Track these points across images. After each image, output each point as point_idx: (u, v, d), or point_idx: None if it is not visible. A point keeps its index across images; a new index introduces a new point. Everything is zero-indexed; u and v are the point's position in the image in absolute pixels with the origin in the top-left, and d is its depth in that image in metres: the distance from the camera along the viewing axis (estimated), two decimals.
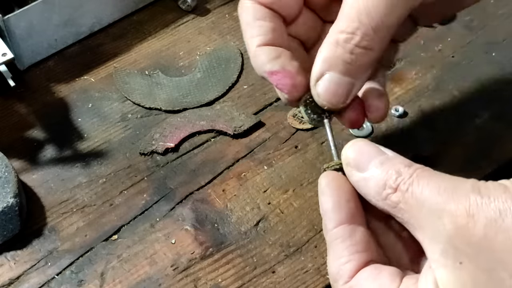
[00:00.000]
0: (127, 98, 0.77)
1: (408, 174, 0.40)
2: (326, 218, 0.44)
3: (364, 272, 0.42)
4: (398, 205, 0.40)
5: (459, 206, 0.36)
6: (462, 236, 0.36)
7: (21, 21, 0.75)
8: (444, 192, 0.38)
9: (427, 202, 0.38)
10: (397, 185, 0.40)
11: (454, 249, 0.36)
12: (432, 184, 0.39)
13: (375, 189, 0.41)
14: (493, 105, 0.74)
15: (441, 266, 0.37)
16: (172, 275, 0.61)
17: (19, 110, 0.76)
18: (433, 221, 0.37)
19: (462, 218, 0.36)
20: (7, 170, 0.65)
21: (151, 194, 0.68)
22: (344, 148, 0.45)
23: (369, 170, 0.42)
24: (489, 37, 0.82)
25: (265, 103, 0.76)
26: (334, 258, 0.43)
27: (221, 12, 0.87)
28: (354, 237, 0.43)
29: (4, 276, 0.62)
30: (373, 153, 0.43)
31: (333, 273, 0.43)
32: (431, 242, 0.38)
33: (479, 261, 0.35)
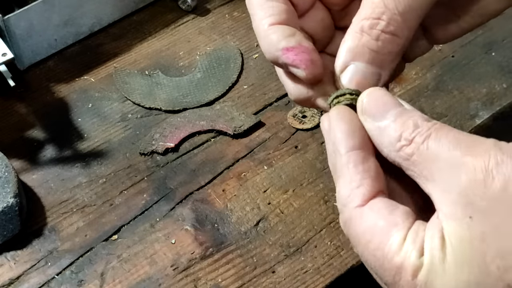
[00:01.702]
0: (127, 98, 0.77)
1: (426, 127, 0.39)
2: (338, 142, 0.42)
3: (379, 202, 0.40)
4: (412, 157, 0.39)
5: (478, 160, 0.36)
6: (477, 189, 0.35)
7: (21, 21, 0.75)
8: (463, 145, 0.37)
9: (443, 155, 0.37)
10: (413, 137, 0.39)
11: (466, 202, 0.36)
12: (450, 137, 0.38)
13: (389, 139, 0.40)
14: (493, 105, 0.74)
15: (450, 218, 0.36)
16: (172, 275, 0.61)
17: (19, 110, 0.76)
18: (448, 173, 0.37)
19: (479, 172, 0.35)
20: (7, 170, 0.65)
21: (151, 194, 0.68)
22: (361, 96, 0.43)
23: (384, 120, 0.41)
24: (489, 37, 0.82)
25: (265, 103, 0.76)
26: (345, 182, 0.41)
27: (221, 12, 0.87)
28: (367, 163, 0.41)
29: (4, 276, 0.62)
30: (390, 104, 0.42)
31: (343, 197, 0.41)
32: (443, 194, 0.37)
33: (491, 216, 0.35)
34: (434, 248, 0.37)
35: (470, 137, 0.38)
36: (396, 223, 0.39)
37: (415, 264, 0.37)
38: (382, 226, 0.39)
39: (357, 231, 0.40)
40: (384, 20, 0.45)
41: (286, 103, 0.76)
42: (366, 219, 0.40)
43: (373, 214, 0.40)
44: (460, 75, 0.77)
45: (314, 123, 0.72)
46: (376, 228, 0.39)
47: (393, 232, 0.39)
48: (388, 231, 0.39)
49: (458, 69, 0.78)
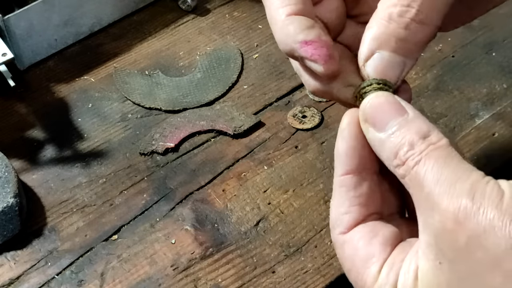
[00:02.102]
0: (127, 98, 0.77)
1: (419, 150, 0.38)
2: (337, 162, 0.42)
3: (360, 232, 0.41)
4: (405, 178, 0.39)
5: (449, 208, 0.36)
6: (447, 240, 0.36)
7: (21, 21, 0.75)
8: (443, 183, 0.37)
9: (426, 189, 0.37)
10: (406, 159, 0.38)
11: (438, 248, 0.36)
12: (435, 170, 0.37)
13: (388, 154, 0.40)
14: (493, 105, 0.74)
15: (424, 258, 0.37)
16: (172, 275, 0.61)
17: (19, 110, 0.76)
18: (428, 210, 0.37)
19: (450, 222, 0.36)
20: (7, 170, 0.65)
21: (151, 194, 0.68)
22: (363, 102, 0.42)
23: (385, 132, 0.40)
24: (489, 37, 0.82)
25: (265, 103, 0.76)
26: (336, 206, 0.43)
27: (221, 12, 0.87)
28: (359, 189, 0.41)
29: (4, 276, 0.62)
30: (393, 113, 0.40)
31: (332, 220, 0.43)
32: (423, 229, 0.38)
33: (457, 269, 0.36)
34: (406, 286, 0.38)
35: (454, 171, 0.37)
36: (373, 254, 0.40)
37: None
38: (360, 257, 0.41)
39: (341, 257, 0.42)
40: (414, 7, 0.42)
41: (286, 103, 0.76)
42: (347, 247, 0.42)
43: (353, 243, 0.41)
44: (460, 75, 0.77)
45: (314, 123, 0.72)
46: (355, 258, 0.41)
47: (369, 264, 0.40)
48: (365, 263, 0.40)
49: (459, 69, 0.78)
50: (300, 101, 0.76)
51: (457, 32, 0.82)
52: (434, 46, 0.81)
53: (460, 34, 0.82)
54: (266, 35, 0.83)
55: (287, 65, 0.80)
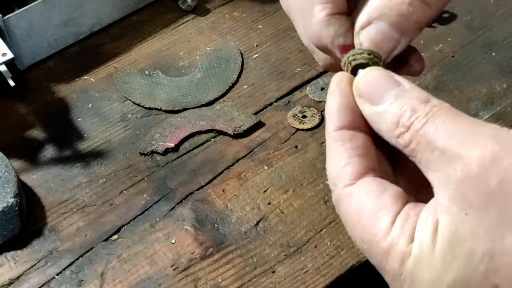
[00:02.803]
0: (127, 98, 0.77)
1: (423, 112, 0.37)
2: (328, 119, 0.41)
3: (367, 185, 0.39)
4: (410, 145, 0.37)
5: (473, 154, 0.34)
6: (473, 187, 0.34)
7: (21, 21, 0.75)
8: (460, 135, 0.36)
9: (440, 144, 0.36)
10: (411, 123, 0.37)
11: (462, 197, 0.34)
12: (447, 124, 0.36)
13: (388, 125, 0.39)
14: (493, 105, 0.74)
15: (445, 212, 0.35)
16: (172, 275, 0.61)
17: (19, 110, 0.76)
18: (445, 164, 0.35)
19: (475, 167, 0.34)
20: (7, 170, 0.65)
21: (151, 194, 0.68)
22: (357, 78, 0.42)
23: (382, 105, 0.39)
24: (489, 37, 0.82)
25: (265, 103, 0.76)
26: (333, 161, 0.41)
27: (221, 12, 0.87)
28: (354, 141, 0.40)
29: (4, 276, 0.62)
30: (387, 85, 0.40)
31: (332, 177, 0.41)
32: (441, 186, 0.36)
33: (485, 216, 0.34)
34: (425, 239, 0.36)
35: (469, 123, 0.36)
36: (384, 206, 0.38)
37: (403, 251, 0.36)
38: (369, 209, 0.38)
39: (346, 211, 0.39)
40: None
41: (286, 103, 0.76)
42: (354, 200, 0.39)
43: (360, 195, 0.39)
44: (460, 75, 0.77)
45: (314, 123, 0.72)
46: (363, 211, 0.38)
47: (380, 215, 0.38)
48: (375, 215, 0.38)
49: (458, 69, 0.78)
50: (300, 101, 0.76)
51: (457, 32, 0.82)
52: (434, 46, 0.81)
53: (460, 34, 0.82)
54: (266, 35, 0.83)
55: (287, 65, 0.80)
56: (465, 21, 0.83)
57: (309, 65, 0.79)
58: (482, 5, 0.85)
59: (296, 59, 0.80)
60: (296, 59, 0.80)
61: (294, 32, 0.84)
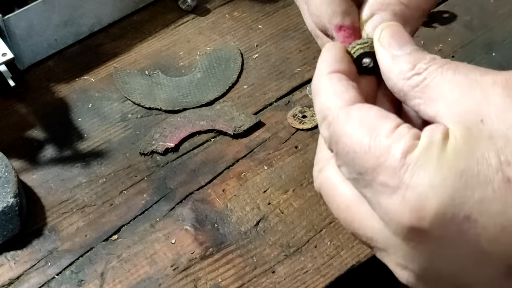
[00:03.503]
0: (127, 98, 0.77)
1: (442, 61, 0.39)
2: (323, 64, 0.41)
3: (366, 104, 0.39)
4: (423, 82, 0.38)
5: (498, 76, 0.35)
6: (494, 96, 0.35)
7: (21, 21, 0.75)
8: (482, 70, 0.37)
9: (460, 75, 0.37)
10: (428, 66, 0.38)
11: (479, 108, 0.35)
12: (468, 66, 0.38)
13: (402, 67, 0.39)
14: None
15: (457, 123, 0.35)
16: (172, 275, 0.61)
17: (19, 110, 0.76)
18: (462, 88, 0.36)
19: (498, 85, 0.35)
20: (7, 170, 0.65)
21: (151, 194, 0.68)
22: (380, 26, 0.42)
23: (400, 51, 0.40)
24: (489, 37, 0.82)
25: (265, 103, 0.76)
26: (327, 93, 0.40)
27: (221, 12, 0.87)
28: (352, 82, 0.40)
29: (4, 276, 0.62)
30: (409, 40, 0.41)
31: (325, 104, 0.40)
32: (452, 106, 0.36)
33: (504, 119, 0.34)
34: (435, 136, 0.35)
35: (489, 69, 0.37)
36: (387, 115, 0.38)
37: (408, 145, 0.35)
38: (372, 116, 0.38)
39: (340, 126, 0.38)
40: None
41: (286, 103, 0.76)
42: (354, 112, 0.38)
43: (361, 110, 0.38)
44: None
45: (314, 123, 0.72)
46: (366, 117, 0.38)
47: (385, 121, 0.37)
48: (379, 120, 0.37)
49: None
50: (300, 101, 0.76)
51: (457, 32, 0.82)
52: (434, 46, 0.81)
53: (460, 35, 0.82)
54: (266, 35, 0.83)
55: (287, 65, 0.80)
56: (465, 21, 0.83)
57: (309, 65, 0.79)
58: (482, 5, 0.85)
59: (296, 59, 0.80)
60: (296, 59, 0.80)
61: (294, 32, 0.84)
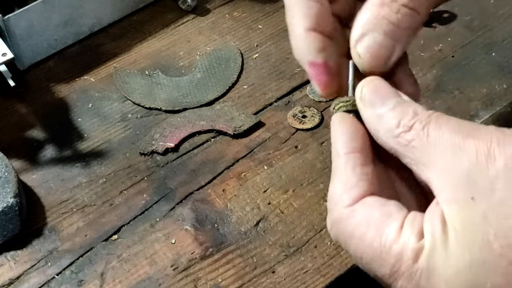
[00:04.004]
0: (127, 98, 0.77)
1: (425, 115, 0.39)
2: (339, 143, 0.43)
3: (369, 199, 0.40)
4: (411, 143, 0.39)
5: (480, 143, 0.36)
6: (479, 170, 0.35)
7: (21, 21, 0.75)
8: (465, 130, 0.37)
9: (444, 138, 0.37)
10: (413, 123, 0.39)
11: (468, 183, 0.35)
12: (452, 122, 0.38)
13: (388, 126, 0.40)
14: (493, 105, 0.74)
15: (451, 202, 0.36)
16: (172, 275, 0.61)
17: (19, 110, 0.76)
18: (449, 156, 0.37)
19: (481, 155, 0.35)
20: (7, 170, 0.65)
21: (151, 194, 0.68)
22: (360, 83, 0.44)
23: (383, 108, 0.41)
24: (489, 37, 0.82)
25: (265, 103, 0.76)
26: (340, 182, 0.42)
27: (221, 12, 0.87)
28: (365, 167, 0.42)
29: (4, 276, 0.62)
30: (390, 93, 0.42)
31: (335, 197, 0.42)
32: (443, 178, 0.37)
33: (493, 195, 0.35)
34: (435, 230, 0.36)
35: (471, 123, 0.38)
36: (390, 213, 0.39)
37: (415, 248, 0.37)
38: (377, 217, 0.39)
39: (349, 228, 0.40)
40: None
41: (286, 103, 0.76)
42: (359, 214, 0.40)
43: (365, 209, 0.40)
44: (460, 75, 0.77)
45: (314, 123, 0.72)
46: (371, 220, 0.39)
47: (389, 221, 0.38)
48: (383, 221, 0.39)
49: (459, 69, 0.78)
50: (300, 101, 0.76)
51: (457, 32, 0.82)
52: (434, 46, 0.81)
53: (460, 35, 0.82)
54: (266, 35, 0.83)
55: (287, 65, 0.80)
56: (465, 21, 0.83)
57: None
58: (482, 5, 0.85)
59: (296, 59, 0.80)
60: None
61: None
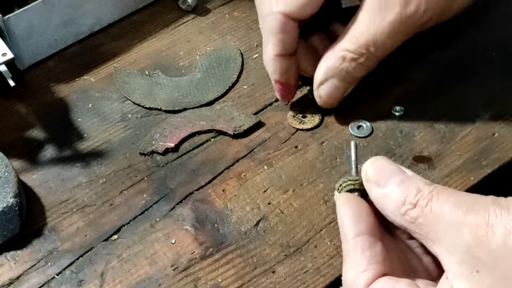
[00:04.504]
0: (127, 98, 0.77)
1: (428, 190, 0.41)
2: (346, 227, 0.46)
3: (380, 281, 0.42)
4: (417, 220, 0.41)
5: (478, 218, 0.38)
6: (481, 245, 0.37)
7: (21, 21, 0.75)
8: (464, 205, 0.39)
9: (446, 216, 0.39)
10: (417, 200, 0.41)
11: (472, 258, 0.37)
12: (451, 199, 0.40)
13: (394, 205, 0.43)
14: (493, 105, 0.74)
15: (458, 277, 0.38)
16: (172, 275, 0.61)
17: (19, 110, 0.76)
18: (452, 233, 0.39)
19: (481, 229, 0.37)
20: (7, 170, 0.65)
21: (151, 194, 0.68)
22: (365, 165, 0.47)
23: (388, 187, 0.44)
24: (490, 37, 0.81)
25: (265, 103, 0.76)
26: (352, 267, 0.44)
27: (221, 12, 0.87)
28: (374, 248, 0.44)
29: (4, 276, 0.62)
30: (393, 171, 0.45)
31: (349, 282, 0.44)
32: (449, 254, 0.39)
33: (497, 269, 0.36)
34: None
35: (470, 196, 0.40)
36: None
37: None
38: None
39: None
40: (364, 58, 0.60)
41: (286, 103, 0.76)
42: None
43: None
44: (460, 75, 0.77)
45: (314, 123, 0.72)
46: None
47: None
48: None
49: (459, 69, 0.78)
50: (300, 101, 0.76)
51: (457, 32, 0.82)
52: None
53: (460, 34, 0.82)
54: None
55: None
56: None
57: None
58: None
59: None
60: None
61: None
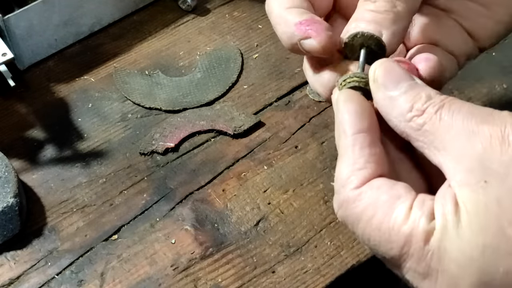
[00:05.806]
0: (127, 98, 0.77)
1: (439, 99, 0.39)
2: (346, 123, 0.42)
3: (377, 181, 0.39)
4: (423, 127, 0.38)
5: (494, 128, 0.36)
6: (493, 155, 0.35)
7: (21, 21, 0.75)
8: (478, 115, 0.37)
9: (458, 124, 0.37)
10: (426, 107, 0.39)
11: (481, 167, 0.35)
12: (465, 109, 0.38)
13: (400, 110, 0.40)
14: (493, 105, 0.74)
15: (464, 185, 0.36)
16: (172, 275, 0.61)
17: (19, 110, 0.76)
18: (462, 141, 0.37)
19: (495, 139, 0.36)
20: (7, 170, 0.65)
21: (151, 194, 0.68)
22: (374, 64, 0.43)
23: (396, 91, 0.41)
24: None
25: (265, 103, 0.76)
26: (348, 164, 0.41)
27: (221, 12, 0.87)
28: (373, 148, 0.41)
29: (4, 276, 0.62)
30: (403, 75, 0.41)
31: (342, 178, 0.41)
32: (456, 162, 0.37)
33: (507, 181, 0.35)
34: (447, 213, 0.36)
35: (485, 108, 0.38)
36: (399, 195, 0.38)
37: (426, 229, 0.36)
38: (384, 199, 0.38)
39: (356, 210, 0.39)
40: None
41: (286, 103, 0.76)
42: (366, 196, 0.39)
43: (373, 191, 0.39)
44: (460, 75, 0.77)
45: None
46: (378, 202, 0.39)
47: (397, 203, 0.38)
48: (392, 203, 0.38)
49: None
50: (300, 101, 0.76)
51: None
52: None
53: None
54: (266, 35, 0.83)
55: (287, 65, 0.80)
56: None
57: None
58: None
59: (296, 59, 0.80)
60: (296, 59, 0.80)
61: None
